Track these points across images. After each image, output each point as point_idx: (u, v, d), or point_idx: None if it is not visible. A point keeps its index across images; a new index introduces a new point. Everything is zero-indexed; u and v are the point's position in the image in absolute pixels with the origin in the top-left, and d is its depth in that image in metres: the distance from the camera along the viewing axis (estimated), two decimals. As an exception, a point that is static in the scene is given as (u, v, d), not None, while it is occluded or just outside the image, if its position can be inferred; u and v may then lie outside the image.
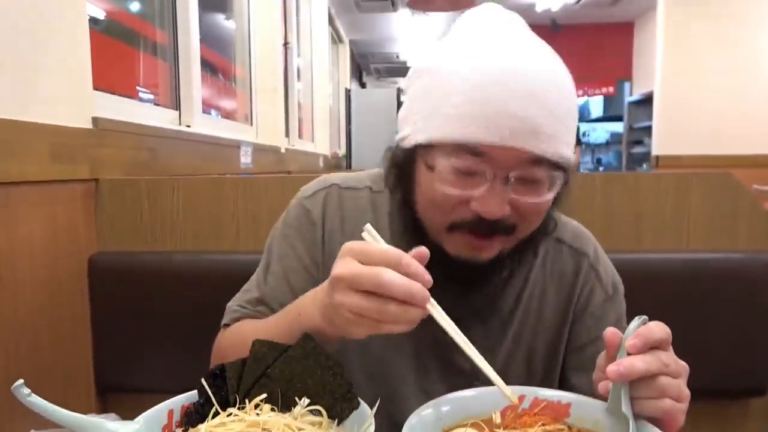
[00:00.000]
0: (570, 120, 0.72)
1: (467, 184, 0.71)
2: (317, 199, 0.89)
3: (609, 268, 0.92)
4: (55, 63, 1.34)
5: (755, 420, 1.39)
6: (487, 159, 0.70)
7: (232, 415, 0.66)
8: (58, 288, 1.35)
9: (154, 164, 1.76)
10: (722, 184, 1.40)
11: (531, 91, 0.68)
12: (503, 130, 0.68)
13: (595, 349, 0.83)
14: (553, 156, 0.70)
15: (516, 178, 0.70)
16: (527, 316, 0.87)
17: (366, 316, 0.62)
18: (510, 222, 0.73)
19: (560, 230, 0.89)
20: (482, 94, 0.69)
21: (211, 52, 3.02)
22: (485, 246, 0.75)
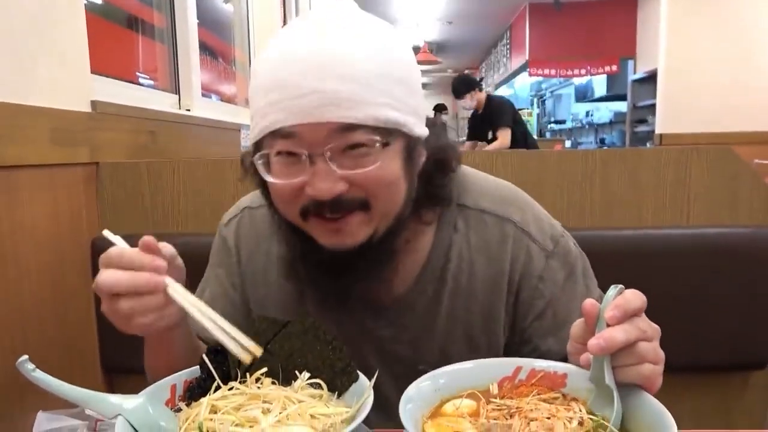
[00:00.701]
0: (390, 83, 0.70)
1: (293, 172, 0.71)
2: (231, 227, 0.95)
3: (544, 223, 0.87)
4: (53, 47, 1.34)
5: (755, 393, 1.40)
6: (299, 140, 0.69)
7: (234, 388, 0.67)
8: (62, 271, 1.37)
9: (154, 148, 1.77)
10: (722, 159, 1.39)
11: (325, 62, 0.68)
12: (303, 108, 0.68)
13: (553, 311, 0.85)
14: (366, 120, 0.69)
15: (332, 151, 0.69)
16: (457, 293, 0.85)
17: (115, 316, 0.68)
18: (354, 197, 0.72)
19: (480, 198, 0.86)
20: (279, 76, 0.69)
21: (209, 35, 3.00)
22: (340, 227, 0.73)
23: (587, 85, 10.54)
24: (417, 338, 0.86)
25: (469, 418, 0.60)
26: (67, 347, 1.39)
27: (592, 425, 0.57)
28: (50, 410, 1.24)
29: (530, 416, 0.57)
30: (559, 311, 0.84)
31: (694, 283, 1.32)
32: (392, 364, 0.87)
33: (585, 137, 11.04)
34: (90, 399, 0.64)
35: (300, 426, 0.60)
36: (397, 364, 0.87)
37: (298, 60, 0.69)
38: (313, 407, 0.64)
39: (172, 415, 0.66)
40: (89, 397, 0.64)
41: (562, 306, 0.84)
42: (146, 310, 0.67)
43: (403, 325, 0.86)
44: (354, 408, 0.64)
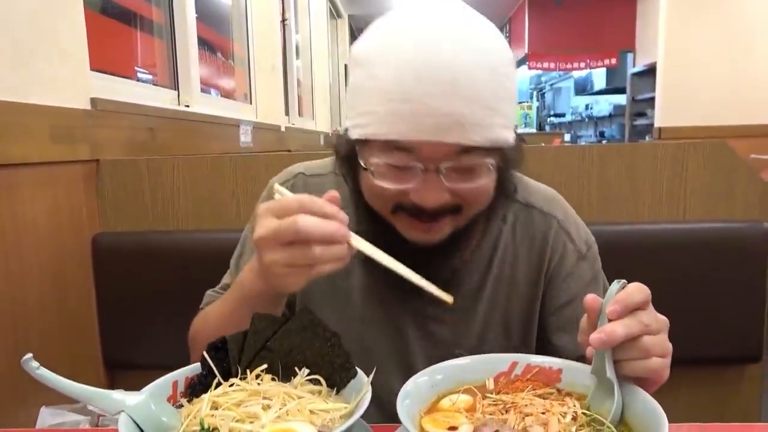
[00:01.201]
0: (502, 102, 0.72)
1: (401, 178, 0.73)
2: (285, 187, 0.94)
3: (581, 228, 0.92)
4: (52, 45, 1.34)
5: (750, 386, 1.42)
6: (416, 153, 0.71)
7: (234, 385, 0.68)
8: (63, 268, 1.38)
9: (154, 144, 1.77)
10: (718, 154, 1.40)
11: (450, 82, 0.68)
12: (426, 126, 0.69)
13: (573, 309, 0.88)
14: (483, 143, 0.70)
15: (447, 168, 0.71)
16: (500, 281, 0.89)
17: (295, 265, 0.66)
18: (452, 204, 0.75)
19: (529, 195, 0.91)
20: (402, 89, 0.69)
21: (208, 30, 3.00)
22: (432, 227, 0.76)
23: (587, 78, 10.53)
24: (458, 320, 0.89)
25: (465, 413, 0.61)
26: (69, 344, 1.40)
27: (585, 420, 0.58)
28: (53, 405, 1.25)
29: (525, 411, 0.59)
30: (579, 311, 0.86)
31: (689, 278, 1.33)
32: (431, 345, 0.89)
33: (584, 130, 11.03)
34: (93, 396, 0.65)
35: (299, 422, 0.61)
36: (436, 347, 0.89)
37: (425, 77, 0.68)
38: (312, 403, 0.65)
39: (174, 412, 0.67)
40: (92, 393, 0.65)
41: (581, 306, 0.86)
42: (334, 259, 0.66)
43: (447, 306, 0.88)
44: (353, 403, 0.65)
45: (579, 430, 0.56)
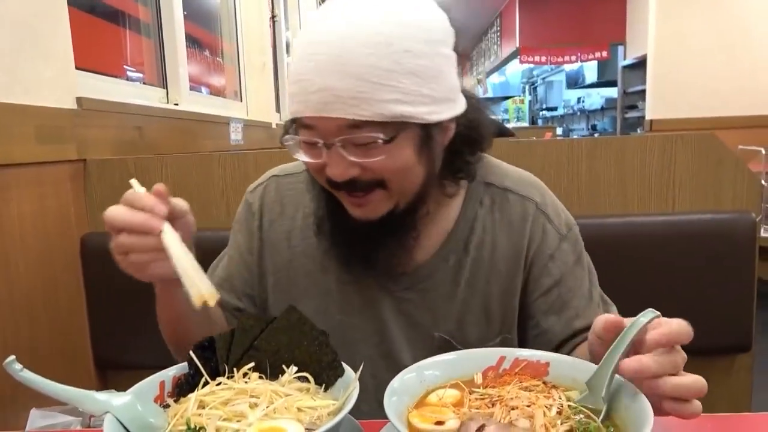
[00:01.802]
0: (397, 76, 0.72)
1: (314, 154, 0.77)
2: (257, 193, 0.98)
3: (560, 210, 0.93)
4: (36, 44, 1.33)
5: (740, 375, 1.43)
6: (315, 130, 0.75)
7: (221, 384, 0.68)
8: (52, 269, 1.37)
9: (142, 143, 1.76)
10: (706, 146, 1.41)
11: (331, 59, 0.71)
12: (312, 102, 0.72)
13: (559, 291, 0.89)
14: (372, 117, 0.72)
15: (341, 142, 0.74)
16: (479, 263, 0.89)
17: (116, 253, 0.72)
18: (369, 179, 0.77)
19: (505, 179, 0.92)
20: (298, 69, 0.74)
21: (196, 28, 2.98)
22: (363, 202, 0.79)
23: (578, 72, 10.55)
24: (436, 305, 0.89)
25: (452, 408, 0.61)
26: (59, 344, 1.39)
27: (572, 412, 0.58)
28: (43, 407, 1.25)
29: (511, 404, 0.59)
30: (564, 292, 0.89)
31: (678, 269, 1.34)
32: (410, 328, 0.90)
33: (577, 124, 11.06)
34: (78, 397, 0.64)
35: (287, 419, 0.61)
36: (415, 330, 0.90)
37: (312, 54, 0.72)
38: (299, 400, 0.65)
39: (161, 412, 0.67)
40: (77, 394, 0.64)
41: (566, 287, 0.89)
42: (141, 249, 0.71)
43: (425, 290, 0.90)
44: (340, 400, 0.65)
45: (564, 422, 0.56)
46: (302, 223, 0.93)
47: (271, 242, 0.95)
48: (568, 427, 0.56)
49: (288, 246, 0.94)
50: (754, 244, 1.33)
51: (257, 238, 0.96)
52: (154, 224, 0.70)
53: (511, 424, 0.56)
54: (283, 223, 0.95)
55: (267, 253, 0.95)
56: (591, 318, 0.81)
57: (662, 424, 0.52)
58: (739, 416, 0.85)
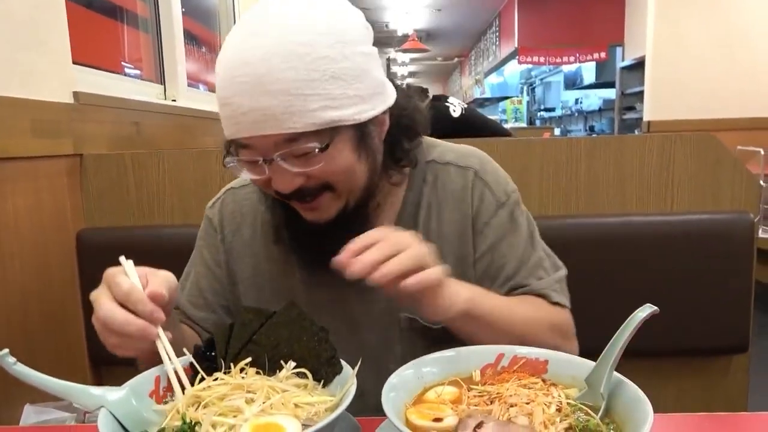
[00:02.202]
0: (320, 84, 0.73)
1: (257, 171, 0.79)
2: (215, 208, 1.00)
3: (501, 178, 0.94)
4: (33, 37, 1.32)
5: (737, 376, 1.43)
6: (252, 149, 0.77)
7: (218, 379, 0.67)
8: (47, 264, 1.36)
9: (139, 139, 1.75)
10: (705, 146, 1.40)
11: (252, 79, 0.72)
12: (245, 124, 0.74)
13: (491, 258, 0.91)
14: (306, 128, 0.73)
15: (280, 157, 0.75)
16: (428, 237, 0.89)
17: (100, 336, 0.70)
18: (315, 185, 0.79)
19: (446, 154, 0.94)
20: (225, 94, 0.75)
21: (195, 24, 2.97)
22: (313, 207, 0.81)
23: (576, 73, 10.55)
24: None
25: (450, 405, 0.61)
26: (54, 339, 1.38)
27: (571, 410, 0.58)
28: (38, 403, 1.24)
29: (510, 402, 0.58)
30: (496, 259, 0.90)
31: (676, 269, 1.33)
32: (377, 315, 0.91)
33: (574, 125, 11.07)
34: (72, 391, 0.64)
35: (283, 415, 0.60)
36: (382, 316, 0.91)
37: (234, 78, 0.73)
38: (297, 396, 0.64)
39: (157, 407, 0.66)
40: (71, 389, 0.64)
41: (500, 253, 0.90)
42: (130, 349, 0.71)
43: None
44: (337, 396, 0.65)
45: (563, 420, 0.56)
46: (262, 231, 0.95)
47: (236, 252, 0.97)
48: (567, 425, 0.55)
49: (251, 254, 0.96)
50: (752, 245, 1.33)
51: (222, 251, 0.98)
52: (152, 334, 0.69)
53: (510, 421, 0.56)
54: (244, 232, 0.97)
55: (233, 262, 0.97)
56: (524, 280, 0.88)
57: (660, 420, 0.52)
58: (736, 416, 0.85)
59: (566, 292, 0.94)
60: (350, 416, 0.70)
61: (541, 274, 0.91)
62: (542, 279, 0.90)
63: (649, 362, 1.30)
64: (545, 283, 0.90)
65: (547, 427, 0.54)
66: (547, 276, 0.91)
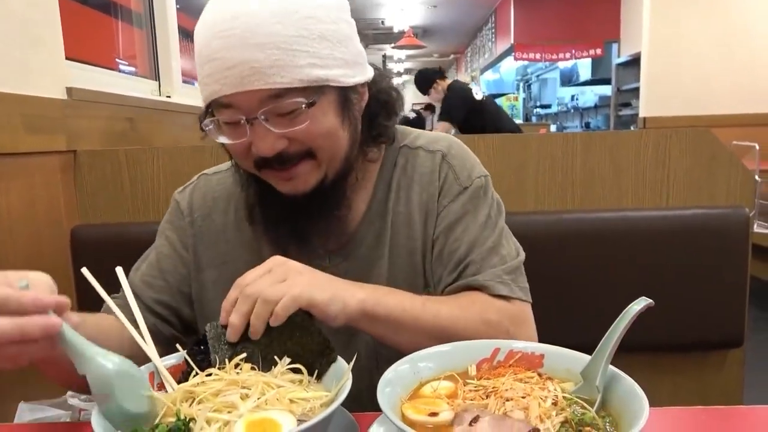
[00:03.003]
0: (310, 42, 0.74)
1: (238, 134, 0.78)
2: (185, 193, 0.99)
3: (468, 163, 0.93)
4: (25, 32, 1.31)
5: (732, 371, 1.43)
6: (236, 107, 0.76)
7: (213, 375, 0.67)
8: (41, 262, 1.35)
9: (134, 135, 1.74)
10: (700, 141, 1.40)
11: (239, 32, 0.72)
12: (229, 80, 0.73)
13: (444, 241, 0.89)
14: (292, 83, 0.74)
15: (266, 114, 0.74)
16: (398, 220, 0.91)
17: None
18: (297, 150, 0.78)
19: (417, 140, 0.95)
20: (208, 51, 0.75)
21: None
22: (291, 175, 0.80)
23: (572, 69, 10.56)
24: (368, 270, 0.91)
25: (446, 400, 0.61)
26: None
27: (566, 403, 0.58)
28: (32, 401, 1.23)
29: (506, 396, 0.58)
30: (450, 242, 0.90)
31: (672, 264, 1.33)
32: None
33: (570, 121, 11.07)
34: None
35: (278, 411, 0.60)
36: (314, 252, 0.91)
37: (221, 32, 0.73)
38: (292, 392, 0.64)
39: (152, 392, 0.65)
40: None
41: (453, 237, 0.90)
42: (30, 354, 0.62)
43: (357, 258, 0.91)
44: (333, 391, 0.64)
45: (559, 413, 0.56)
46: (235, 216, 0.95)
47: (206, 237, 0.95)
48: (563, 418, 0.55)
49: (223, 239, 0.95)
50: (747, 239, 1.33)
51: (190, 234, 0.96)
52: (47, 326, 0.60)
53: (506, 416, 0.55)
54: (216, 218, 0.96)
55: (202, 247, 0.95)
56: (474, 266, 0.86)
57: (656, 414, 0.52)
58: (731, 409, 0.85)
59: (520, 282, 0.88)
60: (346, 411, 0.70)
61: (493, 261, 0.87)
62: (493, 267, 0.86)
63: (644, 357, 1.30)
64: (490, 274, 0.86)
65: (543, 421, 0.54)
66: (501, 263, 0.87)
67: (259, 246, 0.92)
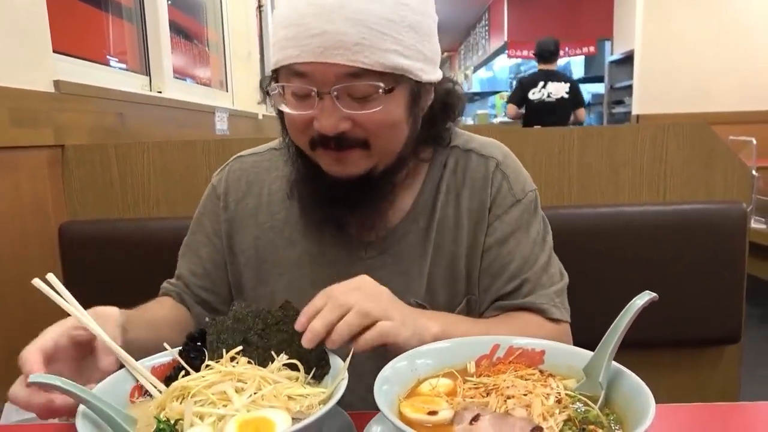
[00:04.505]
0: (400, 29, 0.73)
1: (304, 105, 0.75)
2: (222, 175, 0.98)
3: (521, 175, 0.92)
4: (11, 24, 1.27)
5: (729, 366, 1.43)
6: (309, 78, 0.73)
7: (209, 367, 0.65)
8: (28, 259, 1.32)
9: (123, 130, 1.71)
10: (698, 136, 1.40)
11: (337, 4, 0.70)
12: (311, 48, 0.71)
13: (496, 253, 0.88)
14: (373, 66, 0.71)
15: (339, 91, 0.72)
16: (445, 223, 0.89)
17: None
18: (356, 136, 0.76)
19: (469, 142, 0.93)
20: (294, 14, 0.72)
21: (181, 15, 2.91)
22: (342, 157, 0.78)
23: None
24: (409, 269, 0.89)
25: (445, 397, 0.59)
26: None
27: (569, 401, 0.56)
28: (19, 401, 1.20)
29: (507, 393, 0.56)
30: (502, 255, 0.88)
31: (669, 259, 1.32)
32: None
33: (564, 119, 11.08)
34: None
35: (273, 409, 0.58)
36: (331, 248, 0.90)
37: (315, 0, 0.71)
38: (289, 388, 0.62)
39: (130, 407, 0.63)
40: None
41: (506, 250, 0.88)
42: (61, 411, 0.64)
43: (396, 254, 0.89)
44: (330, 388, 0.62)
45: (562, 411, 0.54)
46: (268, 200, 0.93)
47: (239, 221, 0.94)
48: (566, 416, 0.53)
49: (255, 223, 0.93)
50: (744, 234, 1.32)
51: (223, 219, 0.95)
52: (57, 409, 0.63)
53: (508, 414, 0.54)
54: (250, 201, 0.94)
55: (235, 232, 0.94)
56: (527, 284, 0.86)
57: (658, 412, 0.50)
58: (731, 405, 0.85)
59: (566, 303, 0.90)
60: (342, 410, 0.68)
61: (544, 280, 0.88)
62: (544, 287, 0.87)
63: (641, 353, 1.28)
64: (545, 297, 0.86)
65: (546, 419, 0.52)
66: (550, 283, 0.88)
67: (290, 233, 0.91)
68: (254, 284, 0.93)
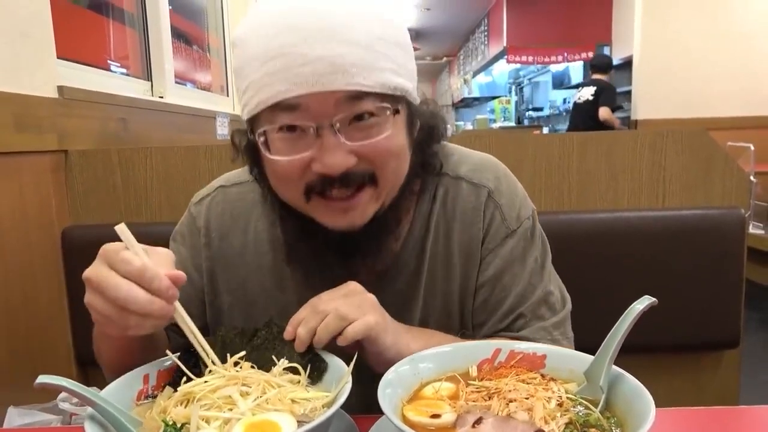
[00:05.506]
0: (392, 47, 0.68)
1: (298, 147, 0.67)
2: (202, 206, 0.90)
3: (516, 200, 0.85)
4: (15, 30, 1.29)
5: (728, 371, 1.43)
6: (304, 112, 0.65)
7: (212, 372, 0.66)
8: (31, 263, 1.33)
9: (126, 135, 1.72)
10: (697, 142, 1.41)
11: (326, 27, 0.63)
12: (304, 76, 0.63)
13: (489, 290, 0.82)
14: (374, 87, 0.65)
15: (341, 122, 0.66)
16: (436, 261, 0.83)
17: (111, 320, 0.62)
18: (363, 171, 0.69)
19: (459, 167, 0.85)
20: (273, 44, 0.64)
21: (183, 21, 2.93)
22: (350, 206, 0.71)
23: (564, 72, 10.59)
24: (399, 312, 0.82)
25: (448, 401, 0.60)
26: (39, 339, 1.35)
27: (570, 404, 0.57)
28: (22, 405, 1.21)
29: (509, 397, 0.57)
30: (497, 292, 0.83)
31: (668, 264, 1.33)
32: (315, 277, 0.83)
33: (562, 124, 11.09)
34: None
35: (278, 412, 0.59)
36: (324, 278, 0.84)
37: (298, 26, 0.64)
38: (293, 392, 0.63)
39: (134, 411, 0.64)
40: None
41: (500, 287, 0.83)
42: (148, 328, 0.63)
43: (385, 302, 0.80)
44: (333, 392, 0.63)
45: (564, 414, 0.55)
46: (254, 238, 0.86)
47: (223, 259, 0.87)
48: (567, 419, 0.54)
49: (242, 263, 0.86)
50: (743, 240, 1.33)
51: (205, 256, 0.87)
52: (171, 311, 0.63)
53: (510, 417, 0.54)
54: (234, 240, 0.87)
55: (219, 271, 0.87)
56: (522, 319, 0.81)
57: (658, 416, 0.51)
58: (730, 410, 0.86)
59: (567, 333, 0.85)
60: (345, 414, 0.69)
61: (542, 312, 0.82)
62: (542, 320, 0.82)
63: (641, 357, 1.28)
64: (539, 331, 0.81)
65: (548, 423, 0.53)
66: (550, 314, 0.83)
67: (280, 274, 0.85)
68: (240, 323, 0.84)
